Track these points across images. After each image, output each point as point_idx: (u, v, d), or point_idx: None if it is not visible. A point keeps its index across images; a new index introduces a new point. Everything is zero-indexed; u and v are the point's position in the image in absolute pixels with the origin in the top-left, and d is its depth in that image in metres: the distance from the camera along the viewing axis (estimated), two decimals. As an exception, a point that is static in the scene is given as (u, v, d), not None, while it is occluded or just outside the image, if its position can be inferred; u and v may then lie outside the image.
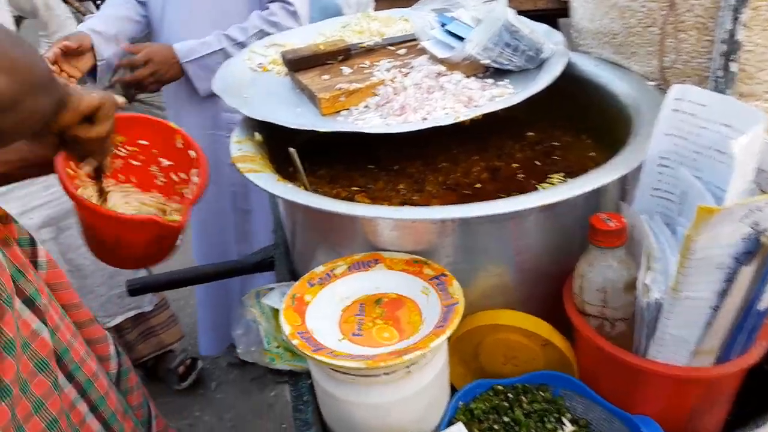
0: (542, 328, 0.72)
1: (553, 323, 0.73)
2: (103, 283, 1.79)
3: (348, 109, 0.94)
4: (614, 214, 0.67)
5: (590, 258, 0.69)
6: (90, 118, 0.70)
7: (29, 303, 0.73)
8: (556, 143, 1.02)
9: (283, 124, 0.85)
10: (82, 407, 0.81)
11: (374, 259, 0.71)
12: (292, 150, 0.79)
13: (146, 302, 1.92)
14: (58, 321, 0.77)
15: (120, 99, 0.80)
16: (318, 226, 0.80)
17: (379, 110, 0.91)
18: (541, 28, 1.06)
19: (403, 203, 0.86)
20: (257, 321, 0.81)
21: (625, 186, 0.79)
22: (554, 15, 2.66)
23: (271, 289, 0.85)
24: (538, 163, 0.96)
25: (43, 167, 0.80)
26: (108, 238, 0.76)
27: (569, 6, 1.06)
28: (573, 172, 0.92)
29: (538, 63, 0.98)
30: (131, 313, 1.90)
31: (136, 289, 1.13)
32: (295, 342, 0.59)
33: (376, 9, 1.64)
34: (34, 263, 0.80)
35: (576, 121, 1.04)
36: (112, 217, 0.71)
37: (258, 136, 0.90)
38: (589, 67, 1.01)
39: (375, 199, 0.86)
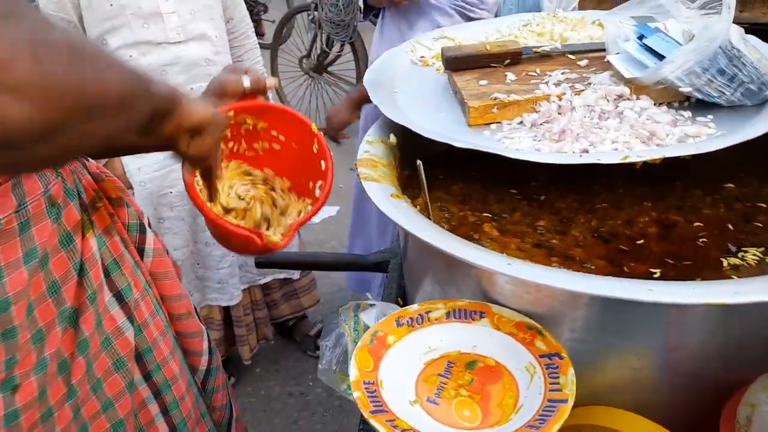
0: (681, 453, 0.55)
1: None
2: None
3: (499, 122, 0.81)
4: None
5: (773, 387, 0.50)
6: (195, 131, 0.62)
7: (119, 298, 0.71)
8: (762, 204, 0.79)
9: (417, 131, 0.76)
10: (153, 408, 0.80)
11: (480, 311, 0.60)
12: (419, 162, 0.70)
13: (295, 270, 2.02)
14: (147, 317, 0.75)
15: (271, 80, 0.76)
16: (424, 255, 0.70)
17: (534, 130, 0.77)
18: (777, 54, 0.82)
19: (537, 245, 0.72)
20: (347, 338, 0.74)
21: None
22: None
23: (373, 305, 0.77)
24: (731, 227, 0.75)
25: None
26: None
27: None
28: (778, 249, 0.70)
29: (760, 100, 0.76)
30: (280, 275, 2.01)
31: (262, 263, 1.19)
32: (356, 394, 0.51)
33: (580, 8, 1.45)
34: (141, 251, 0.78)
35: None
36: (215, 221, 0.69)
37: (393, 138, 0.82)
38: (836, 114, 0.75)
39: (504, 233, 0.74)
